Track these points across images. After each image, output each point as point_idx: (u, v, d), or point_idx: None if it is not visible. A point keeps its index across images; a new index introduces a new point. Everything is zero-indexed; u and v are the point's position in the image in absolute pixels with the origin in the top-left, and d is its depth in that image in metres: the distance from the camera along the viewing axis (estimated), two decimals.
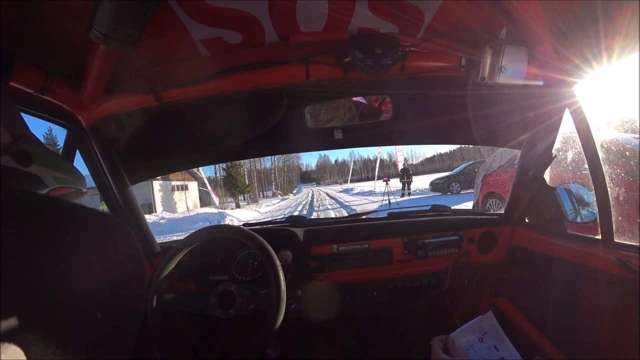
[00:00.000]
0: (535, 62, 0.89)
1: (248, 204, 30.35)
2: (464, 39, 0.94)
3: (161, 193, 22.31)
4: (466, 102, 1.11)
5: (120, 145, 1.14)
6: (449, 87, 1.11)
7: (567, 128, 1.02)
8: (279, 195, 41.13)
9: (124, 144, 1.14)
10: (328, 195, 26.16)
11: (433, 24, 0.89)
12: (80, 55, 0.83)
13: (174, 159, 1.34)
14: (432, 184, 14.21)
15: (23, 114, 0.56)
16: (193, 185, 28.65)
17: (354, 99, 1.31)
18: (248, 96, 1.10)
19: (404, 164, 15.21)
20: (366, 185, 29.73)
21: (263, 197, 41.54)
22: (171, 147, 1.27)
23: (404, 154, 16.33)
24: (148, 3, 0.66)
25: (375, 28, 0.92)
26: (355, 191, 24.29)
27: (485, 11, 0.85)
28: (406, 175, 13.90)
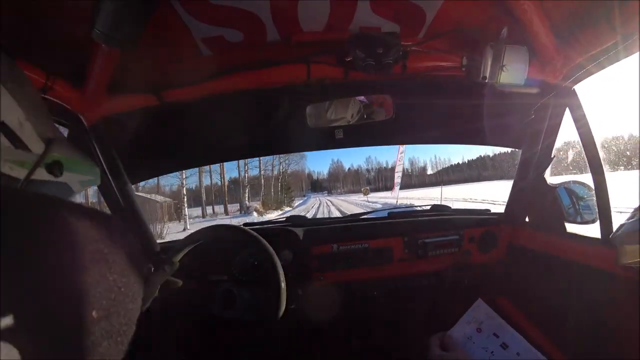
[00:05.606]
0: (536, 62, 0.89)
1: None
2: (465, 39, 0.94)
3: None
4: (467, 101, 1.11)
5: (121, 144, 1.13)
6: (450, 87, 1.12)
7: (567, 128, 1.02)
8: (255, 213, 22.21)
9: (125, 143, 1.14)
10: (340, 210, 18.74)
11: (434, 23, 0.89)
12: (81, 54, 0.83)
13: (175, 159, 1.34)
14: None
15: None
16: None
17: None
18: (249, 96, 1.10)
19: None
20: (388, 197, 21.63)
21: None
22: (172, 147, 1.27)
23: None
24: (149, 2, 0.67)
25: (377, 27, 0.92)
26: (378, 205, 17.00)
27: (486, 11, 0.85)
28: None
